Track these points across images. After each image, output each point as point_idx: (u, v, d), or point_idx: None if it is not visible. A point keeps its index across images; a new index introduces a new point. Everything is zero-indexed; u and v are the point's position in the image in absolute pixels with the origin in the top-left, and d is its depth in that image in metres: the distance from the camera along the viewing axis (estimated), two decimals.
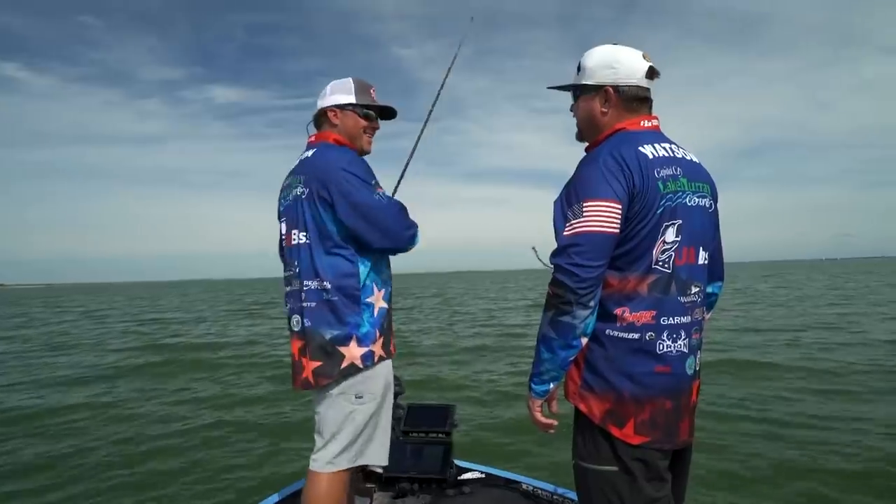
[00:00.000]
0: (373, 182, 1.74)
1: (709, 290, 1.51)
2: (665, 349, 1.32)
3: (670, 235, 1.32)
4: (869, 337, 9.79)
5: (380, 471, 2.44)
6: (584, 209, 1.27)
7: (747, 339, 9.94)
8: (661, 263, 1.32)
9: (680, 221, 1.32)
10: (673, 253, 1.32)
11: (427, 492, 2.35)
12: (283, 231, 1.84)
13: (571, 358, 1.32)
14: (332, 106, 1.87)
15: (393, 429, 2.56)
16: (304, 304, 1.72)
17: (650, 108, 1.46)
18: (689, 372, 1.37)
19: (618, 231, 1.28)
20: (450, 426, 2.51)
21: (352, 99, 1.87)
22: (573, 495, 2.21)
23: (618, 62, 1.41)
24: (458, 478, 2.43)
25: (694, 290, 1.37)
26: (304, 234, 1.72)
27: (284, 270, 1.86)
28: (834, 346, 8.87)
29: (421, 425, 2.56)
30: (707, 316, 1.55)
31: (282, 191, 1.88)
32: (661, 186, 1.31)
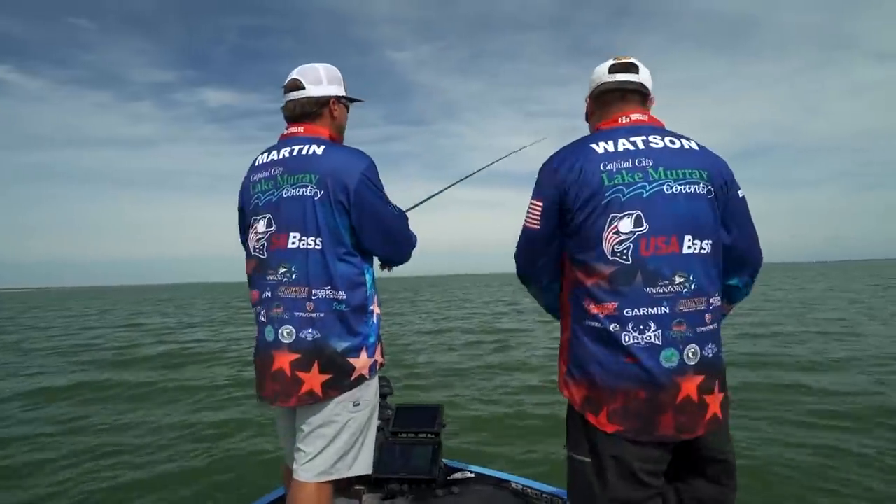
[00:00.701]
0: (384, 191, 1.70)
1: (731, 281, 1.51)
2: (631, 341, 1.33)
3: (625, 226, 1.34)
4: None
5: (369, 472, 2.42)
6: (528, 207, 1.48)
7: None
8: (619, 255, 1.34)
9: (638, 212, 1.34)
10: (631, 244, 1.34)
11: (416, 492, 2.34)
12: (266, 229, 1.67)
13: (551, 305, 1.62)
14: (334, 97, 1.76)
15: (382, 430, 2.57)
16: (313, 315, 1.59)
17: (640, 101, 1.52)
18: (667, 365, 1.32)
19: (538, 227, 1.45)
20: (438, 426, 2.51)
21: (343, 91, 1.79)
22: (563, 493, 2.22)
23: (591, 77, 1.58)
24: (448, 478, 2.42)
25: (678, 280, 1.33)
26: (315, 238, 1.59)
27: (267, 271, 1.66)
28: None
29: (410, 426, 2.56)
30: (729, 307, 1.56)
31: (259, 181, 1.71)
32: (604, 179, 1.36)
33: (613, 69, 1.52)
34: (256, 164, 1.75)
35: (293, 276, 1.61)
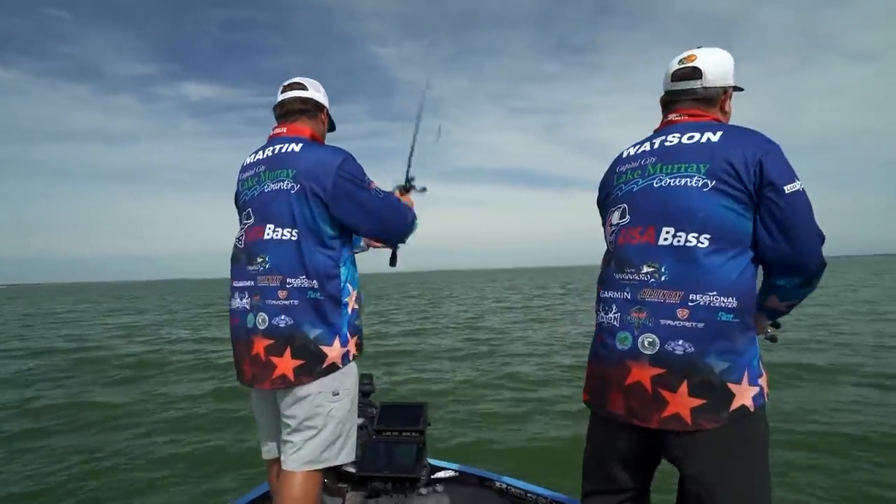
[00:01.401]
0: (366, 178, 1.76)
1: (778, 282, 1.39)
2: (600, 319, 1.48)
3: (615, 218, 1.51)
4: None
5: (352, 470, 2.42)
6: None
7: None
8: (609, 244, 1.54)
9: (624, 205, 1.48)
10: (615, 234, 1.49)
11: (400, 491, 2.34)
12: (246, 222, 1.78)
13: None
14: (327, 108, 1.94)
15: (366, 428, 2.56)
16: (286, 302, 1.67)
17: (700, 102, 1.51)
18: (620, 347, 1.38)
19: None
20: (423, 424, 2.51)
21: (328, 106, 1.97)
22: (546, 492, 2.23)
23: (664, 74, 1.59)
24: (432, 476, 2.42)
25: (645, 269, 1.37)
26: (290, 230, 1.68)
27: (246, 261, 1.76)
28: None
29: (394, 424, 2.55)
30: (780, 304, 1.45)
31: (246, 179, 1.83)
32: (615, 179, 1.55)
33: (675, 76, 1.53)
34: (245, 164, 1.87)
35: (267, 266, 1.70)
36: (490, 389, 7.06)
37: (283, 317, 1.66)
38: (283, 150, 1.74)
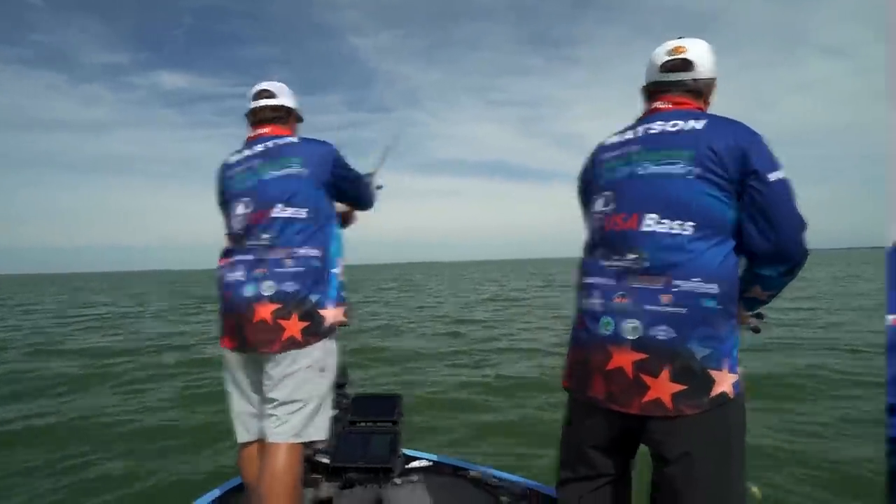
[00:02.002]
0: (349, 164, 2.06)
1: (763, 271, 1.39)
2: (582, 305, 1.49)
3: (599, 206, 1.51)
4: None
5: (326, 461, 2.41)
6: None
7: None
8: (593, 231, 1.53)
9: (609, 192, 1.48)
10: (600, 221, 1.49)
11: (375, 481, 2.33)
12: (245, 210, 1.92)
13: None
14: (297, 110, 2.13)
15: (339, 419, 2.54)
16: (293, 270, 1.85)
17: (689, 93, 1.51)
18: (603, 332, 1.39)
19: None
20: (397, 415, 2.51)
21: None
22: (521, 481, 2.25)
23: (647, 63, 1.58)
24: (406, 466, 2.42)
25: (630, 255, 1.38)
26: (300, 209, 1.88)
27: (248, 240, 1.90)
28: None
29: (368, 415, 2.55)
30: (763, 294, 1.46)
31: (235, 175, 1.99)
32: (597, 168, 1.55)
33: (665, 67, 1.53)
34: (230, 162, 2.02)
35: (278, 240, 1.86)
36: (474, 387, 6.84)
37: (290, 282, 1.83)
38: (282, 143, 1.96)
